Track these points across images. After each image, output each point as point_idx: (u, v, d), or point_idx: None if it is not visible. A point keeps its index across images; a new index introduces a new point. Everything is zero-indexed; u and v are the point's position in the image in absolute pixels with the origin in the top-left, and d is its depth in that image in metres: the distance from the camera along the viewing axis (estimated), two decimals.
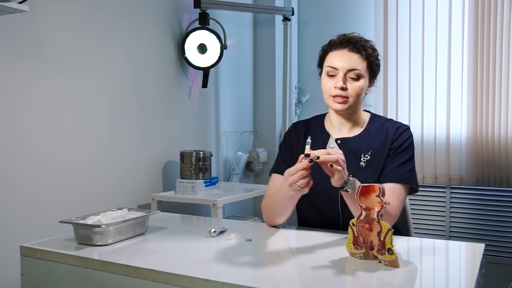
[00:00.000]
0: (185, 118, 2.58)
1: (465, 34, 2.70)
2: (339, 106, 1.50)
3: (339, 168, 1.27)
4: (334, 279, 1.07)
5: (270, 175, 1.66)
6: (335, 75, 1.49)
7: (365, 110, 1.63)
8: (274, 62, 3.10)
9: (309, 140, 1.32)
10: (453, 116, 2.75)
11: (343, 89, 1.48)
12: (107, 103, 2.10)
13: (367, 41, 1.54)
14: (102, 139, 2.08)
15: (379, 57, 1.56)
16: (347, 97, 1.49)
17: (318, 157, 1.27)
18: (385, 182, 1.48)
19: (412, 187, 1.50)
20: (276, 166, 1.66)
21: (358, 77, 1.49)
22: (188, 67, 2.56)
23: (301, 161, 1.29)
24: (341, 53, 1.50)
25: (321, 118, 1.67)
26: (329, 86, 1.50)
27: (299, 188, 1.31)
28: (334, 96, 1.49)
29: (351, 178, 1.32)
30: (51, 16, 1.84)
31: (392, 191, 1.45)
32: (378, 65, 1.56)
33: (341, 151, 1.32)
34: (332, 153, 1.28)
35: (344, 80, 1.48)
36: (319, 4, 3.20)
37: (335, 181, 1.30)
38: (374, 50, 1.54)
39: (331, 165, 1.26)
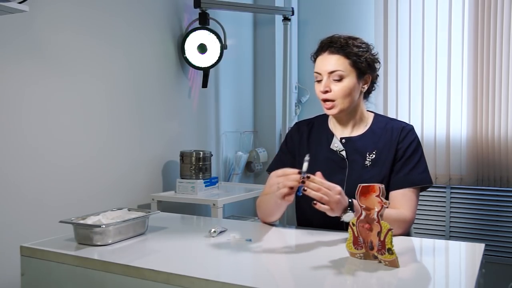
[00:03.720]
0: (185, 118, 2.58)
1: (465, 34, 2.70)
2: (330, 112, 1.52)
3: (324, 207, 1.28)
4: (334, 279, 1.07)
5: (268, 173, 1.68)
6: (321, 80, 1.50)
7: (369, 111, 1.63)
8: (274, 62, 3.10)
9: (307, 157, 1.31)
10: (453, 116, 2.74)
11: (327, 92, 1.49)
12: (107, 103, 2.10)
13: (349, 39, 1.50)
14: (102, 139, 2.08)
15: (367, 53, 1.51)
16: (333, 100, 1.49)
17: (309, 177, 1.28)
18: (399, 188, 1.49)
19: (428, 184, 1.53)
20: (273, 165, 1.67)
21: (340, 78, 1.48)
22: (188, 67, 2.56)
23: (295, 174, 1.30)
24: (323, 57, 1.51)
25: (324, 117, 1.67)
26: (317, 91, 1.53)
27: (277, 194, 1.31)
28: (324, 101, 1.51)
29: (348, 212, 1.32)
30: (51, 16, 1.84)
31: (407, 195, 1.48)
32: (367, 61, 1.51)
33: (337, 189, 1.30)
34: (323, 192, 1.27)
35: (328, 83, 1.49)
36: (319, 4, 3.20)
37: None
38: (359, 47, 1.50)
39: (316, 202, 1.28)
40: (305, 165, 1.30)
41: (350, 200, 1.34)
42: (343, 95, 1.49)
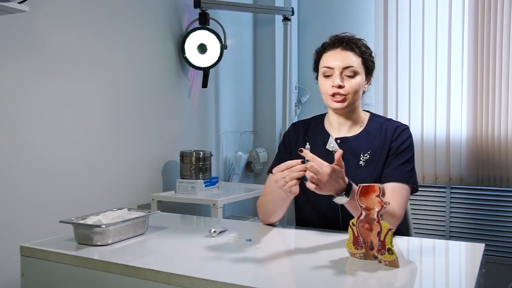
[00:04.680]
0: (185, 118, 2.58)
1: (465, 34, 2.70)
2: (339, 105, 1.51)
3: (311, 186, 1.26)
4: (334, 279, 1.07)
5: (268, 175, 1.67)
6: (331, 75, 1.51)
7: (364, 110, 1.64)
8: (274, 62, 3.10)
9: (308, 146, 1.31)
10: (453, 116, 2.75)
11: (340, 87, 1.49)
12: (107, 103, 2.10)
13: (359, 39, 1.56)
14: (102, 139, 2.08)
15: (373, 55, 1.58)
16: (345, 95, 1.50)
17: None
18: (386, 182, 1.48)
19: (413, 187, 1.50)
20: (274, 166, 1.67)
21: (354, 74, 1.50)
22: (188, 67, 2.56)
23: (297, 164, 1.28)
24: (335, 52, 1.52)
25: (320, 118, 1.68)
26: (327, 86, 1.52)
27: (283, 187, 1.30)
28: (333, 95, 1.51)
29: (342, 196, 1.30)
30: (51, 16, 1.84)
31: (395, 190, 1.46)
32: (373, 62, 1.57)
33: (326, 170, 1.26)
34: (318, 167, 1.24)
35: (341, 78, 1.49)
36: (319, 4, 3.20)
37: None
38: (367, 47, 1.56)
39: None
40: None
41: (349, 182, 1.32)
42: (354, 91, 1.50)
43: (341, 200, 1.30)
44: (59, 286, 1.25)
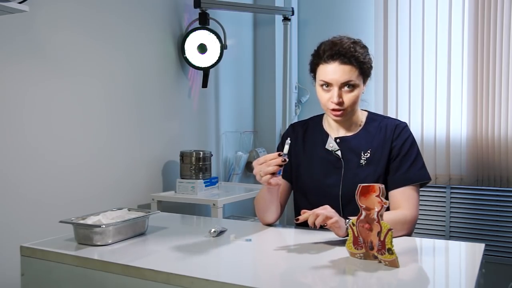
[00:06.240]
0: (185, 118, 2.58)
1: (465, 34, 2.70)
2: (338, 119, 1.53)
3: (333, 221, 1.29)
4: (334, 279, 1.07)
5: None
6: (330, 88, 1.49)
7: (362, 110, 1.64)
8: (274, 62, 3.10)
9: (288, 141, 1.37)
10: (453, 116, 2.75)
11: (339, 103, 1.48)
12: (107, 102, 2.11)
13: (355, 45, 1.49)
14: (102, 139, 2.08)
15: (371, 56, 1.53)
16: (344, 109, 1.49)
17: (285, 160, 1.33)
18: (399, 187, 1.49)
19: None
20: None
21: (353, 87, 1.48)
22: (188, 67, 2.56)
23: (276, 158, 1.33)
24: (333, 67, 1.47)
25: (319, 118, 1.68)
26: (325, 99, 1.50)
27: (262, 182, 1.35)
28: (332, 109, 1.50)
29: (348, 221, 1.32)
30: (51, 16, 1.84)
31: (406, 193, 1.48)
32: (370, 65, 1.53)
33: (327, 206, 1.32)
34: (319, 213, 1.28)
35: (339, 93, 1.47)
36: (319, 4, 3.20)
37: (337, 234, 1.33)
38: (364, 53, 1.50)
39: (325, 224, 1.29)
40: (286, 148, 1.36)
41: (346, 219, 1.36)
42: (353, 103, 1.50)
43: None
44: (59, 286, 1.25)
